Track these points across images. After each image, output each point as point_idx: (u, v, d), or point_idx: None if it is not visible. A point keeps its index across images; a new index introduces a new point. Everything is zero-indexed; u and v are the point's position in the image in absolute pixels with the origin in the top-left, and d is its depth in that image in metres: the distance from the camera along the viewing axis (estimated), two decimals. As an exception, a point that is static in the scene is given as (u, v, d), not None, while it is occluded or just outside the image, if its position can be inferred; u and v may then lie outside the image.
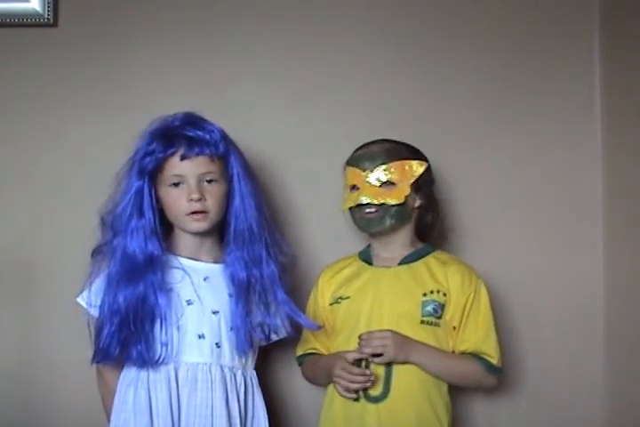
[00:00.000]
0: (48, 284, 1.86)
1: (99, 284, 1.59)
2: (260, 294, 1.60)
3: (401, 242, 1.70)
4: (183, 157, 1.56)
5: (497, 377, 1.67)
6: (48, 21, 1.91)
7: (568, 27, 1.96)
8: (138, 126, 1.61)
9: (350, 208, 1.68)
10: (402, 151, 1.68)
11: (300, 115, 1.93)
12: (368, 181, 1.64)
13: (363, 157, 1.67)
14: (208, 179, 1.59)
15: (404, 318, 1.62)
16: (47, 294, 1.86)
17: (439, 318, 1.63)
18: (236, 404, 1.57)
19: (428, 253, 1.70)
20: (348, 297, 1.68)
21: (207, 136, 1.57)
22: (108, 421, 1.60)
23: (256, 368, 1.67)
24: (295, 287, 1.76)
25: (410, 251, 1.70)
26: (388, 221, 1.65)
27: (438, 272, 1.66)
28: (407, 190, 1.65)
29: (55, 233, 1.88)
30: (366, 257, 1.73)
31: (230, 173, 1.61)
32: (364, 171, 1.65)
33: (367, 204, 1.64)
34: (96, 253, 1.61)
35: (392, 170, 1.65)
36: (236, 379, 1.59)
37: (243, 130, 1.77)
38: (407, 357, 1.58)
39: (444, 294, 1.64)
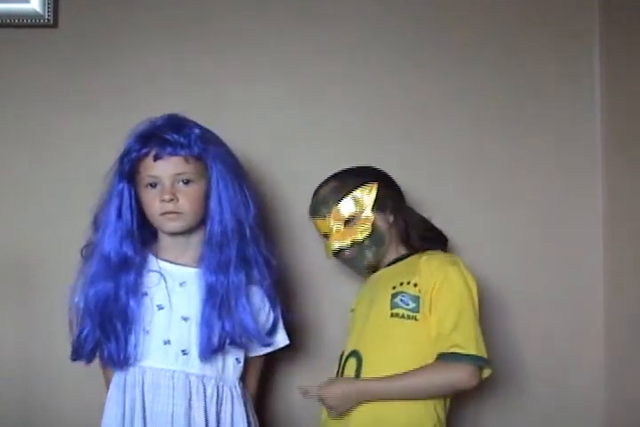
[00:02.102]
0: (46, 284, 1.86)
1: (80, 285, 1.59)
2: (221, 301, 1.55)
3: (388, 256, 1.68)
4: (156, 158, 1.55)
5: (476, 366, 1.51)
6: (48, 22, 1.91)
7: (569, 24, 1.95)
8: (138, 126, 1.62)
9: (335, 256, 1.68)
10: (348, 183, 1.66)
11: (300, 115, 1.93)
12: (331, 227, 1.65)
13: (317, 204, 1.68)
14: (184, 179, 1.56)
15: (375, 315, 1.59)
16: (46, 294, 1.86)
17: (415, 311, 1.55)
18: (202, 415, 1.53)
19: (414, 253, 1.66)
20: (353, 309, 1.72)
21: (181, 138, 1.55)
22: None
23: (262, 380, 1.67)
24: (292, 291, 1.76)
25: (396, 256, 1.68)
26: (368, 255, 1.65)
27: (414, 265, 1.60)
28: (372, 217, 1.64)
29: (54, 233, 1.88)
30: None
31: (209, 175, 1.58)
32: (324, 218, 1.66)
33: (340, 249, 1.64)
34: (84, 251, 1.62)
35: (346, 207, 1.64)
36: (205, 389, 1.55)
37: (242, 130, 1.77)
38: (357, 402, 1.54)
39: (415, 285, 1.57)
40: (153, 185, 1.57)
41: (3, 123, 1.91)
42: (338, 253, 1.66)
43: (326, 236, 1.67)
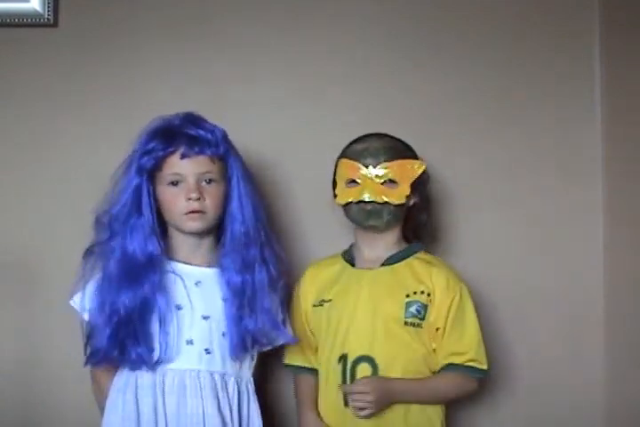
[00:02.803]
0: (46, 284, 1.86)
1: (92, 287, 1.56)
2: (248, 300, 1.56)
3: (389, 240, 1.67)
4: (183, 156, 1.54)
5: (479, 380, 1.65)
6: (48, 21, 1.91)
7: (569, 24, 1.95)
8: (138, 126, 1.60)
9: (348, 204, 1.64)
10: (403, 150, 1.66)
11: (300, 115, 1.92)
12: (370, 178, 1.61)
13: (364, 151, 1.63)
14: (207, 179, 1.56)
15: (388, 321, 1.60)
16: (46, 294, 1.86)
17: (422, 319, 1.60)
18: (229, 412, 1.53)
19: (411, 254, 1.67)
20: (329, 300, 1.65)
21: (209, 135, 1.55)
22: None
23: (259, 376, 1.65)
24: (292, 289, 1.76)
25: (393, 251, 1.67)
26: (386, 217, 1.62)
27: (422, 272, 1.64)
28: (407, 190, 1.63)
29: (54, 233, 1.88)
30: (349, 257, 1.70)
31: (229, 175, 1.59)
32: (366, 166, 1.62)
33: (370, 202, 1.61)
34: (89, 253, 1.58)
35: (395, 168, 1.62)
36: (227, 386, 1.55)
37: (242, 130, 1.76)
38: (390, 402, 1.57)
39: (428, 295, 1.61)
40: (175, 183, 1.56)
41: (3, 123, 1.91)
42: (361, 203, 1.61)
43: (351, 182, 1.63)
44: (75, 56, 1.92)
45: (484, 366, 1.62)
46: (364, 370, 1.58)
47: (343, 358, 1.61)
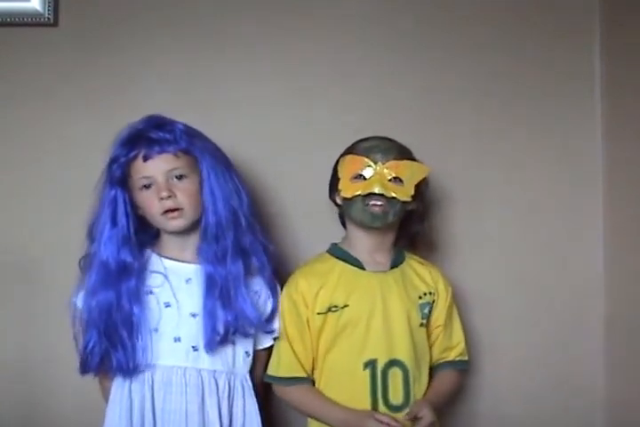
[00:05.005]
0: (46, 284, 1.86)
1: (82, 295, 1.59)
2: (221, 291, 1.56)
3: (391, 242, 1.68)
4: (146, 158, 1.55)
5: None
6: (48, 21, 1.91)
7: (569, 24, 1.95)
8: (138, 126, 1.61)
9: (349, 199, 1.61)
10: (409, 152, 1.66)
11: (300, 115, 1.92)
12: (379, 173, 1.60)
13: (374, 148, 1.62)
14: (177, 175, 1.57)
15: (410, 324, 1.61)
16: (46, 294, 1.86)
17: (428, 318, 1.65)
18: (216, 410, 1.54)
19: (405, 255, 1.70)
20: (345, 305, 1.60)
21: (167, 135, 1.56)
22: None
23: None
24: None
25: (392, 253, 1.68)
26: (391, 217, 1.61)
27: (422, 272, 1.68)
28: (412, 190, 1.61)
29: (54, 233, 1.88)
30: (351, 259, 1.65)
31: (199, 167, 1.59)
32: (375, 162, 1.60)
33: (380, 194, 1.58)
34: (82, 261, 1.61)
35: (402, 167, 1.61)
36: (217, 384, 1.56)
37: (241, 130, 1.77)
38: None
39: (432, 294, 1.66)
40: (147, 186, 1.57)
41: (3, 123, 1.91)
42: (362, 199, 1.59)
43: (357, 177, 1.61)
44: (75, 55, 1.92)
45: (467, 358, 1.71)
46: (395, 375, 1.58)
47: (371, 364, 1.58)
